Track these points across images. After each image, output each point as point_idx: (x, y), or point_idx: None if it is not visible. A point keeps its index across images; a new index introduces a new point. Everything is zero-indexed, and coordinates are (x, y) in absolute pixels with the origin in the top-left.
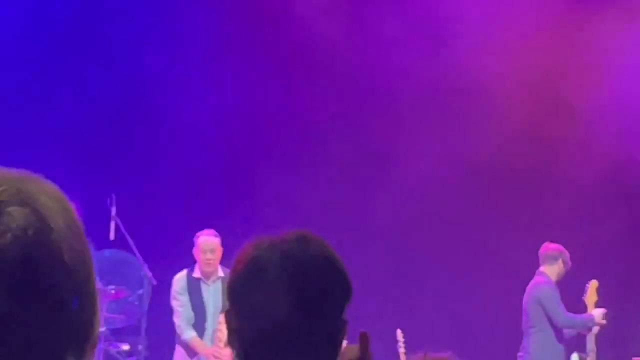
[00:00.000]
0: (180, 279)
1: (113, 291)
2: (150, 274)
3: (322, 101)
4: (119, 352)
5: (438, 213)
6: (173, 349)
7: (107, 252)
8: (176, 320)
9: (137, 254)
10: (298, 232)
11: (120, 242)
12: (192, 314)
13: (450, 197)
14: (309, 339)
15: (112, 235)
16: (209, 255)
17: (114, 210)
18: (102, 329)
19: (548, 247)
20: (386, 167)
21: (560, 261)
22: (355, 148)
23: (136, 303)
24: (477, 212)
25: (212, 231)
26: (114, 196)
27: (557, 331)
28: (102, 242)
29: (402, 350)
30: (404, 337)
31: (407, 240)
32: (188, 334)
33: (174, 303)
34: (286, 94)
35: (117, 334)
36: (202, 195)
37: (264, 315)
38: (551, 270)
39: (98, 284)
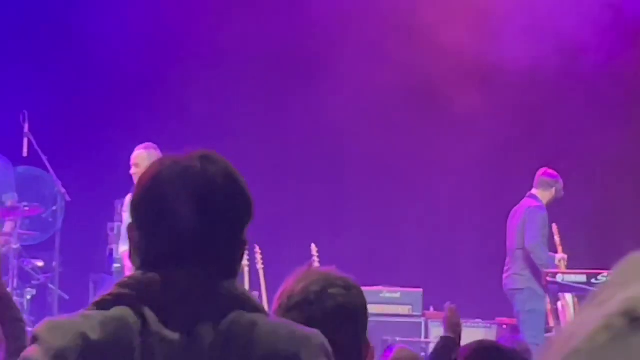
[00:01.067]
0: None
1: (27, 208)
2: (64, 191)
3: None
4: (33, 269)
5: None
6: (86, 264)
7: (20, 169)
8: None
9: (51, 171)
10: (202, 150)
11: (33, 159)
12: None
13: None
14: (208, 255)
15: (25, 152)
16: (133, 170)
17: (26, 127)
18: (15, 245)
19: (545, 172)
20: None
21: (553, 189)
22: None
23: (50, 220)
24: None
25: (145, 144)
26: (26, 112)
27: None
28: (15, 159)
29: (316, 264)
30: (317, 251)
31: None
32: None
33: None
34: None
35: (31, 251)
36: (117, 111)
37: (164, 230)
38: (543, 195)
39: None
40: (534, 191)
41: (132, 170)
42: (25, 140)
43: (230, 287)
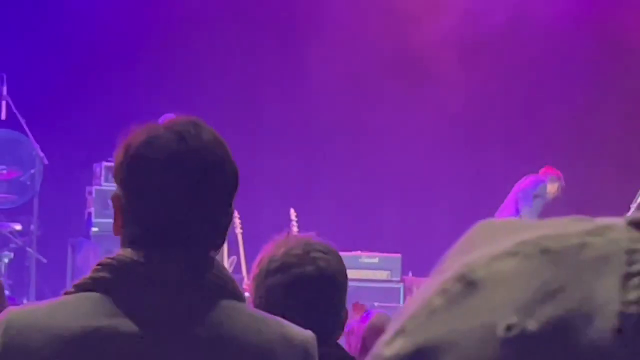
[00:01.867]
0: None
1: (5, 171)
2: (42, 154)
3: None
4: (11, 232)
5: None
6: (64, 228)
7: None
8: None
9: (29, 134)
10: (189, 117)
11: (11, 122)
12: None
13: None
14: (198, 230)
15: (3, 115)
16: None
17: (4, 90)
18: None
19: (548, 170)
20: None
21: (557, 185)
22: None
23: (28, 183)
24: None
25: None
26: (4, 75)
27: None
28: None
29: (295, 229)
30: (297, 216)
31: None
32: None
33: None
34: None
35: (9, 214)
36: (95, 73)
37: (153, 203)
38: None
39: None
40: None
41: None
42: (4, 103)
43: (218, 272)
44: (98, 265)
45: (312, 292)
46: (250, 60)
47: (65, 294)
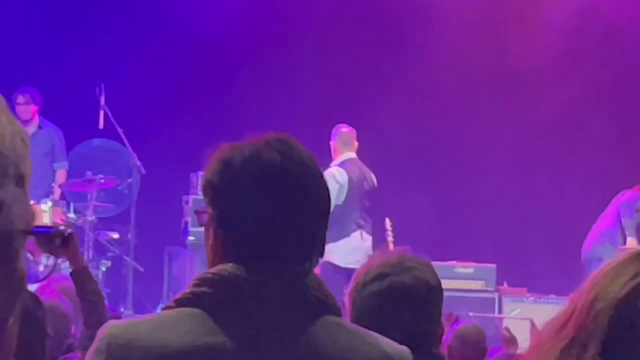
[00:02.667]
0: None
1: (102, 180)
2: (139, 163)
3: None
4: (108, 241)
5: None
6: (161, 236)
7: (96, 142)
8: None
9: (127, 143)
10: (277, 134)
11: (109, 132)
12: None
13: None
14: (295, 241)
15: (101, 125)
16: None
17: (102, 100)
18: (91, 218)
19: None
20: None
21: None
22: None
23: (125, 192)
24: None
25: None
26: (102, 85)
27: None
28: (91, 132)
29: (390, 239)
30: (392, 226)
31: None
32: None
33: None
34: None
35: (107, 223)
36: (193, 84)
37: (246, 221)
38: None
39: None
40: None
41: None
42: (102, 113)
43: (319, 288)
44: (197, 280)
45: (407, 300)
46: (353, 65)
47: (165, 308)
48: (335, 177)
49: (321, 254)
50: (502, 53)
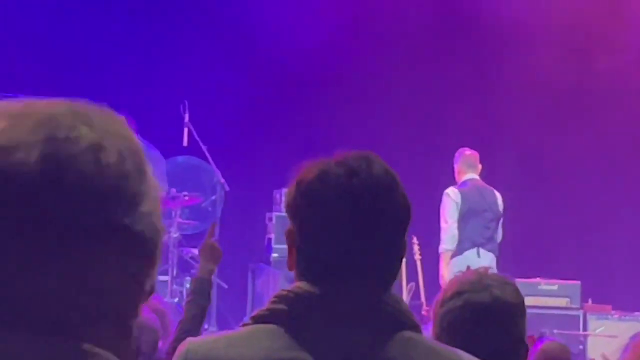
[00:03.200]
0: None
1: (186, 197)
2: (223, 180)
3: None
4: (192, 258)
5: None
6: (245, 253)
7: (180, 159)
8: None
9: (210, 160)
10: (361, 152)
11: (193, 149)
12: None
13: None
14: (372, 265)
15: (185, 142)
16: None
17: (186, 117)
18: (175, 234)
19: None
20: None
21: None
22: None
23: (209, 209)
24: None
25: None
26: (186, 103)
27: None
28: (175, 149)
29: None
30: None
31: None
32: None
33: None
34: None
35: (191, 240)
36: (276, 101)
37: (326, 239)
38: None
39: (171, 192)
40: None
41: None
42: (185, 130)
43: (394, 304)
44: (275, 297)
45: (484, 318)
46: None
47: (243, 325)
48: (450, 197)
49: (397, 271)
50: (589, 67)
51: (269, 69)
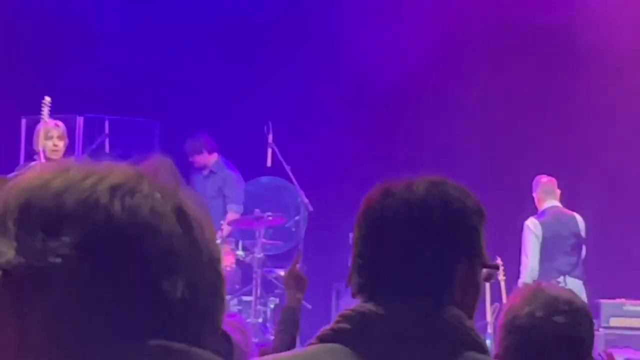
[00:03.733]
0: None
1: (270, 218)
2: (306, 201)
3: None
4: (275, 278)
5: None
6: (329, 273)
7: (264, 179)
8: None
9: (294, 181)
10: (430, 176)
11: (277, 169)
12: None
13: None
14: (435, 278)
15: (269, 162)
16: None
17: (270, 137)
18: (259, 255)
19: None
20: None
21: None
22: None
23: (293, 229)
24: None
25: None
26: (270, 123)
27: None
28: (259, 169)
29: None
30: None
31: None
32: None
33: None
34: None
35: (274, 260)
36: (358, 122)
37: (386, 258)
38: None
39: (255, 213)
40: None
41: None
42: (269, 151)
43: (458, 323)
44: (339, 316)
45: (555, 343)
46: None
47: (309, 345)
48: (530, 229)
49: (461, 292)
50: None
51: (353, 90)
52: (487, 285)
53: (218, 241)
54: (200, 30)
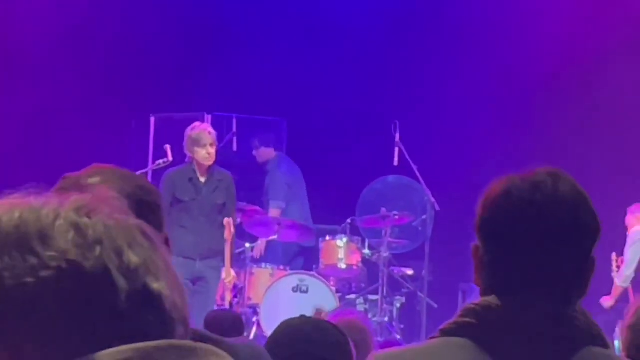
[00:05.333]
0: None
1: (397, 216)
2: (433, 200)
3: None
4: (402, 277)
5: None
6: (455, 273)
7: (391, 178)
8: None
9: (421, 180)
10: (549, 168)
11: (404, 168)
12: None
13: None
14: (558, 280)
15: (396, 161)
16: None
17: (397, 137)
18: (386, 254)
19: None
20: None
21: None
22: None
23: (419, 228)
24: None
25: None
26: (397, 122)
27: None
28: (386, 168)
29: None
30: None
31: None
32: None
33: None
34: None
35: (401, 259)
36: (487, 121)
37: (512, 253)
38: None
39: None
40: None
41: None
42: (396, 150)
43: (583, 318)
44: (463, 310)
45: None
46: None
47: (431, 338)
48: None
49: (584, 288)
50: None
51: (484, 89)
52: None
53: (345, 239)
54: (327, 29)
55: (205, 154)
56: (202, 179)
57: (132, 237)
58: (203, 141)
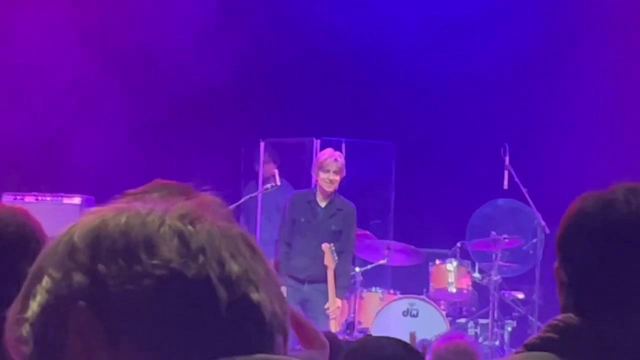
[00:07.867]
0: None
1: (506, 240)
2: (543, 223)
3: None
4: (513, 300)
5: None
6: None
7: (500, 201)
8: None
9: (531, 203)
10: (627, 184)
11: (513, 191)
12: None
13: None
14: (633, 292)
15: (505, 184)
16: None
17: (507, 160)
18: (496, 277)
19: None
20: None
21: None
22: None
23: (530, 252)
24: None
25: None
26: (507, 145)
27: None
28: (496, 191)
29: None
30: None
31: None
32: None
33: None
34: None
35: (511, 283)
36: (596, 144)
37: (589, 268)
38: None
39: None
40: None
41: None
42: (506, 173)
43: None
44: (547, 326)
45: None
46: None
47: (516, 352)
48: None
49: None
50: None
51: (595, 110)
52: None
53: (454, 263)
54: (433, 52)
55: (327, 179)
56: (322, 204)
57: (234, 245)
58: (327, 167)
